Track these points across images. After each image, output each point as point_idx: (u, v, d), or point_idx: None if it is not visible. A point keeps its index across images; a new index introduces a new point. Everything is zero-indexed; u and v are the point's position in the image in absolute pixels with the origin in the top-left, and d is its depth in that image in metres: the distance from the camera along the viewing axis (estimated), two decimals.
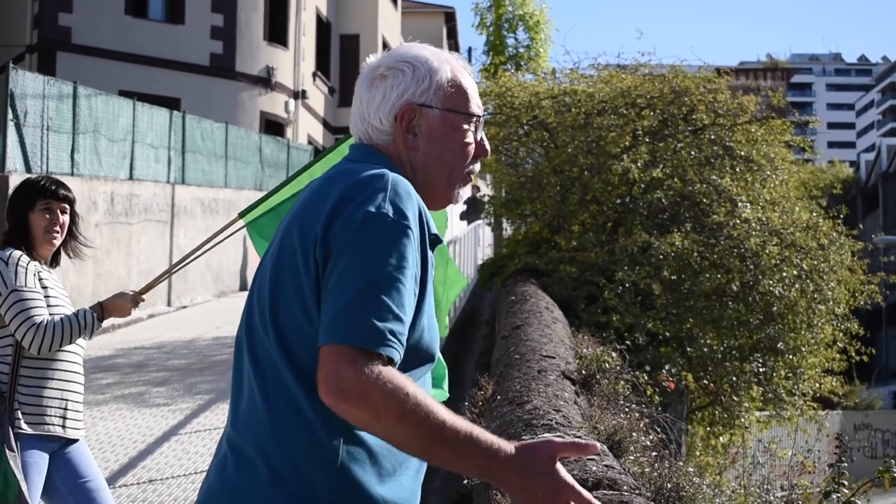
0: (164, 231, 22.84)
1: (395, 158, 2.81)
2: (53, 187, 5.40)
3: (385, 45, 43.53)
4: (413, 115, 2.81)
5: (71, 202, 5.49)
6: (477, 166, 2.95)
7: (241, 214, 6.19)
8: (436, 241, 2.68)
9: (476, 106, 2.89)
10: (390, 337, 2.41)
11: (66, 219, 5.44)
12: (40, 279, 5.23)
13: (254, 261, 27.55)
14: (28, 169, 17.28)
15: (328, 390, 2.36)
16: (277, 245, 2.67)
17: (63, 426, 5.23)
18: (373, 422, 2.35)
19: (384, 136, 2.82)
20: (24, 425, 5.08)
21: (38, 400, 5.15)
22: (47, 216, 5.34)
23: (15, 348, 5.14)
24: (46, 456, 5.18)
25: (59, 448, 5.27)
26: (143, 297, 5.66)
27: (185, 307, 23.21)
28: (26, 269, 5.17)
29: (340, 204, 2.54)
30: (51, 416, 5.18)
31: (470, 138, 2.87)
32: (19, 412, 5.09)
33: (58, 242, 5.43)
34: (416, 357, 2.62)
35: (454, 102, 2.84)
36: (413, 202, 2.57)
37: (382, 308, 2.42)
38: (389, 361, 2.42)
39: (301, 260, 2.56)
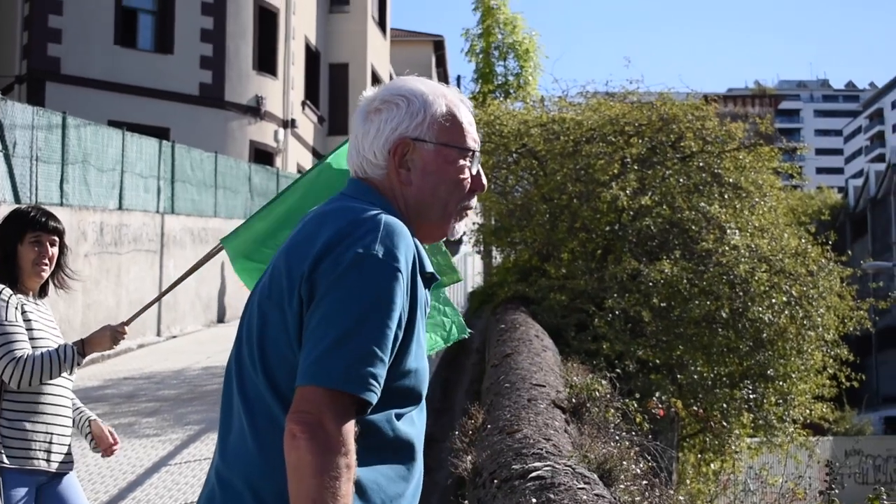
0: (154, 261, 22.82)
1: (388, 193, 2.80)
2: (44, 219, 5.34)
3: (374, 74, 43.64)
4: (406, 150, 2.79)
5: (60, 234, 5.43)
6: (474, 200, 2.94)
7: (224, 241, 6.18)
8: (431, 279, 2.69)
9: (472, 140, 2.88)
10: (371, 381, 2.43)
11: (55, 251, 5.38)
12: (23, 312, 5.19)
13: (234, 289, 27.56)
14: (17, 199, 17.27)
15: (302, 422, 2.38)
16: (268, 279, 2.67)
17: (48, 460, 5.17)
18: (304, 465, 2.36)
19: (378, 170, 2.81)
20: (6, 459, 5.03)
21: (21, 434, 5.09)
22: (37, 249, 5.28)
23: None
24: (32, 490, 5.12)
25: (46, 482, 5.21)
26: (126, 329, 5.61)
27: (174, 337, 23.16)
28: (7, 302, 5.12)
29: (330, 243, 2.53)
30: (35, 450, 5.12)
31: (465, 172, 2.86)
32: (1, 446, 5.06)
33: (46, 275, 5.37)
34: (402, 399, 2.63)
35: (448, 136, 2.83)
36: (405, 243, 2.56)
37: (365, 351, 2.44)
38: (364, 404, 2.44)
39: (287, 295, 2.57)
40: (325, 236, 2.56)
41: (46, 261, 5.34)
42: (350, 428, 2.40)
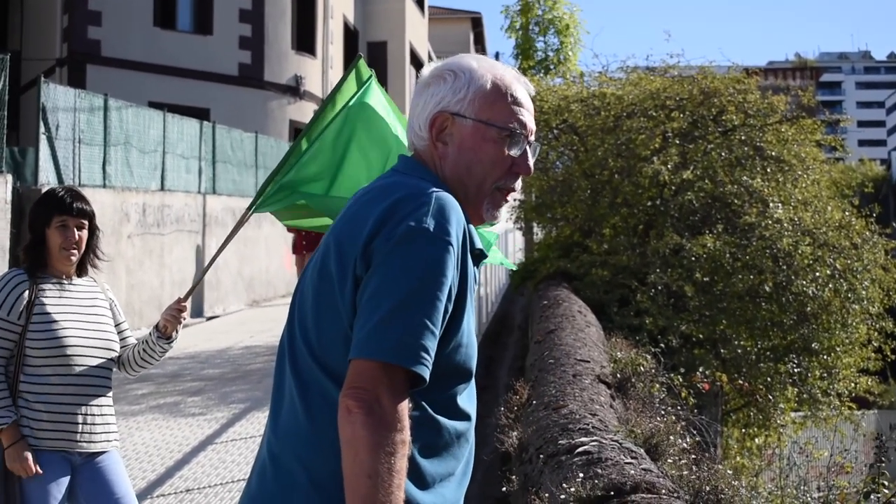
0: (196, 241, 22.94)
1: (432, 167, 2.81)
2: (69, 201, 5.31)
3: (413, 52, 43.63)
4: (445, 124, 2.79)
5: (89, 217, 5.41)
6: (517, 183, 2.88)
7: (250, 208, 6.15)
8: (480, 256, 2.67)
9: (517, 121, 2.82)
10: (422, 354, 2.42)
11: (83, 234, 5.36)
12: (34, 300, 5.18)
13: (273, 270, 27.64)
14: (60, 181, 17.38)
15: (359, 397, 2.37)
16: (320, 257, 2.67)
17: (77, 441, 5.18)
18: (358, 440, 2.34)
19: (422, 143, 2.83)
20: (28, 441, 5.06)
21: (40, 415, 5.10)
22: (63, 234, 5.28)
23: (16, 366, 5.13)
24: (63, 471, 5.14)
25: (82, 462, 5.23)
26: (182, 305, 5.64)
27: (217, 316, 23.28)
28: (8, 294, 5.17)
29: (382, 219, 2.53)
30: (58, 430, 5.12)
31: (504, 152, 2.81)
32: (18, 426, 5.07)
33: (75, 259, 5.36)
34: (453, 375, 2.63)
35: (489, 114, 2.79)
36: (456, 218, 2.55)
37: (417, 324, 2.42)
38: (418, 378, 2.43)
39: (339, 274, 2.56)
40: (376, 213, 2.56)
41: (73, 246, 5.32)
42: (405, 403, 2.40)
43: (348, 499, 2.34)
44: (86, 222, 5.39)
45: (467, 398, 2.72)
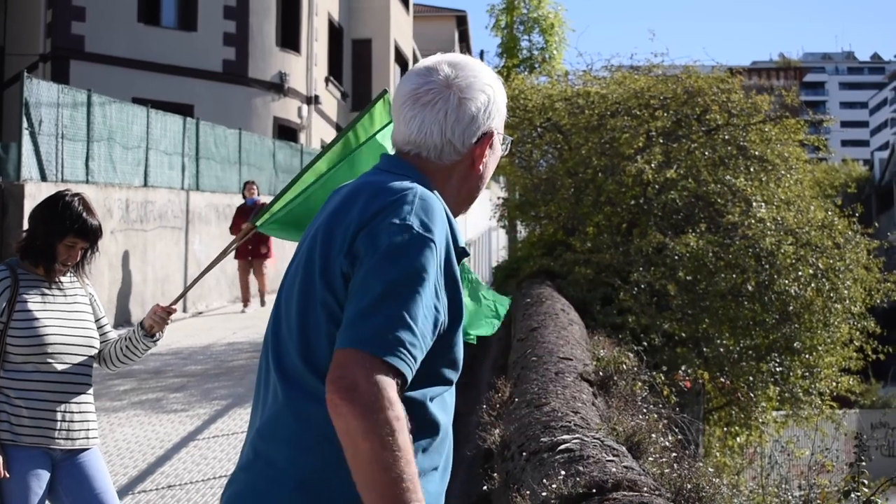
0: (179, 237, 22.86)
1: (435, 174, 2.79)
2: (87, 226, 5.33)
3: (397, 50, 43.54)
4: (492, 140, 2.85)
5: (96, 240, 5.44)
6: None
7: (254, 221, 6.14)
8: (462, 254, 2.68)
9: None
10: (400, 348, 2.40)
11: (84, 248, 5.41)
12: (17, 298, 5.20)
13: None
14: (43, 177, 17.30)
15: (339, 388, 2.33)
16: (305, 253, 2.67)
17: (53, 438, 5.18)
18: (352, 431, 2.30)
19: (453, 156, 2.80)
20: (7, 437, 5.08)
21: (20, 411, 5.11)
22: (69, 252, 5.31)
23: None
24: (46, 465, 5.16)
25: (63, 459, 5.25)
26: (170, 308, 5.64)
27: (200, 313, 23.22)
28: None
29: (367, 217, 2.54)
30: (38, 427, 5.14)
31: None
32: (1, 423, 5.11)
33: (65, 270, 5.42)
34: (441, 375, 2.66)
35: (501, 128, 2.90)
36: (440, 215, 2.58)
37: (395, 317, 2.41)
38: (398, 373, 2.40)
39: (323, 269, 2.57)
40: (360, 210, 2.57)
41: (70, 262, 5.37)
42: (387, 382, 2.35)
43: (361, 490, 2.31)
44: (89, 244, 5.43)
45: (448, 398, 2.73)
